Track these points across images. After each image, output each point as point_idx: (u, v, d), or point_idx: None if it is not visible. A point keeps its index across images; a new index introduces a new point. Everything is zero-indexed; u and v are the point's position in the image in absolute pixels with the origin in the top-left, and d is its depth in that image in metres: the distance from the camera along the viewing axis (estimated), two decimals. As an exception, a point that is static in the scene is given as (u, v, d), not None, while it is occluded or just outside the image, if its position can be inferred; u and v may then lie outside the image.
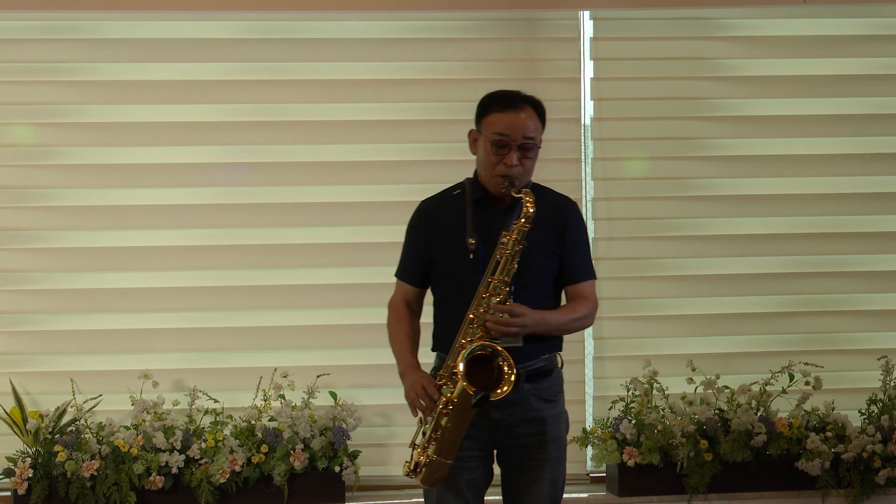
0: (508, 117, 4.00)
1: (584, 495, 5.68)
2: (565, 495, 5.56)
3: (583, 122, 5.84)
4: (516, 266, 3.94)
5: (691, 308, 5.89)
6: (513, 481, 4.10)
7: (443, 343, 4.05)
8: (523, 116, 4.01)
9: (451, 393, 3.89)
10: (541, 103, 4.09)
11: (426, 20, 5.80)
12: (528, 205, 3.93)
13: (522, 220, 3.93)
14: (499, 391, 3.87)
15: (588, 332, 5.81)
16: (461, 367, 3.86)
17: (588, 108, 5.84)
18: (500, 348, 3.89)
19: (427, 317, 4.21)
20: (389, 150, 5.76)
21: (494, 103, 4.04)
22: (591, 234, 5.80)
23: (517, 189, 3.98)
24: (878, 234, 5.96)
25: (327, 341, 5.73)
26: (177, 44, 5.72)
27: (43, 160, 5.67)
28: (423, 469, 3.96)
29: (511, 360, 3.89)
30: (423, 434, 3.98)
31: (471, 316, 3.94)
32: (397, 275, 4.23)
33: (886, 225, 5.97)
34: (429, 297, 4.22)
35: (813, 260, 5.93)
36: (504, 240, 3.94)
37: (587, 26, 5.84)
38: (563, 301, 4.17)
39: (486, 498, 4.18)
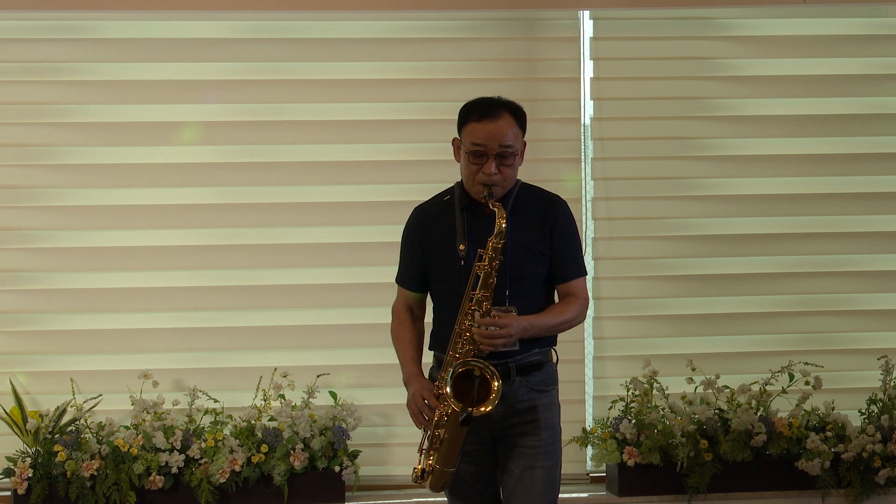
0: (485, 127, 4.03)
1: (584, 495, 5.68)
2: (565, 495, 5.65)
3: (583, 121, 5.84)
4: (495, 279, 3.98)
5: (691, 308, 5.89)
6: (509, 470, 4.13)
7: (439, 343, 4.12)
8: (500, 125, 4.03)
9: (447, 406, 3.96)
10: (520, 108, 4.11)
11: (426, 20, 5.80)
12: (500, 220, 3.99)
13: (496, 237, 3.98)
14: (482, 408, 3.94)
15: (588, 332, 5.81)
16: (447, 388, 3.95)
17: (588, 108, 5.84)
18: (481, 364, 3.95)
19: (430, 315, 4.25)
20: (389, 150, 5.76)
21: (472, 112, 4.08)
22: (590, 234, 5.80)
23: (493, 201, 4.01)
24: (878, 234, 5.95)
25: (327, 341, 5.73)
26: (177, 44, 5.72)
27: (43, 160, 5.67)
28: (430, 476, 4.04)
29: (497, 373, 3.95)
30: (427, 441, 4.04)
31: (458, 329, 4.00)
32: (397, 281, 4.28)
33: (886, 225, 5.96)
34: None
35: (813, 260, 5.93)
36: (481, 255, 3.99)
37: (587, 26, 5.84)
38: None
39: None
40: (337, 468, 5.44)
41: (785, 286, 5.91)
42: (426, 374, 4.15)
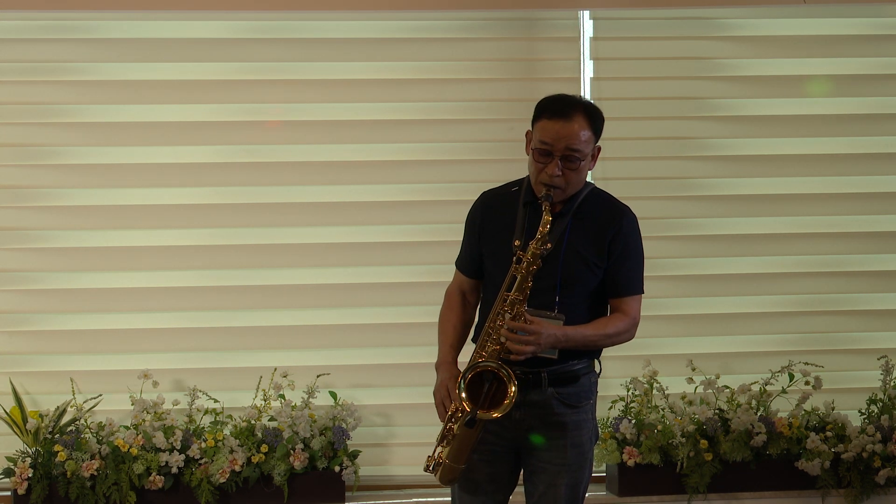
0: (556, 126, 3.91)
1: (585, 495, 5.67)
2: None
3: (583, 121, 5.84)
4: (531, 284, 3.87)
5: (691, 308, 5.89)
6: (532, 483, 4.06)
7: (478, 335, 4.02)
8: (571, 126, 3.90)
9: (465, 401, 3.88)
10: (597, 111, 3.98)
11: (426, 20, 5.80)
12: (542, 226, 3.87)
13: (537, 242, 3.87)
14: (492, 413, 3.85)
15: (588, 331, 5.80)
16: (462, 390, 3.86)
17: (588, 108, 5.83)
18: (496, 365, 3.85)
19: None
20: (389, 150, 5.75)
21: (546, 109, 3.97)
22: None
23: (546, 204, 3.89)
24: (878, 234, 5.95)
25: (327, 341, 5.73)
26: (177, 44, 5.71)
27: (43, 160, 5.67)
28: (438, 468, 3.98)
29: (514, 376, 3.84)
30: (441, 433, 3.98)
31: (488, 328, 3.91)
32: (456, 263, 4.17)
33: (886, 225, 5.96)
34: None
35: (813, 260, 5.93)
36: (520, 258, 3.88)
37: (587, 26, 5.83)
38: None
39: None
40: (337, 468, 5.44)
41: (785, 286, 5.91)
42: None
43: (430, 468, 3.99)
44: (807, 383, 5.65)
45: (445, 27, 5.81)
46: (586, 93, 5.83)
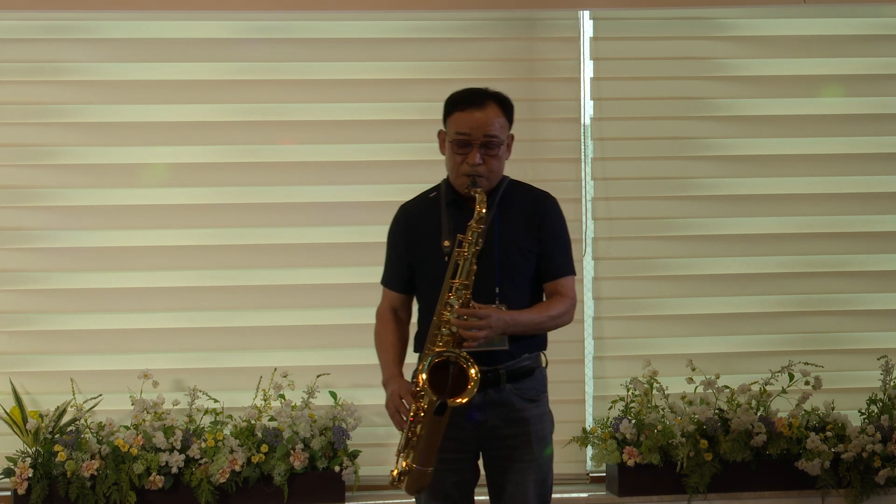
0: (470, 116, 3.96)
1: (584, 495, 5.68)
2: (565, 495, 5.66)
3: (583, 121, 5.84)
4: (476, 267, 3.90)
5: (691, 308, 5.89)
6: (499, 484, 4.07)
7: (423, 343, 4.03)
8: (486, 113, 3.97)
9: (423, 401, 3.87)
10: (507, 99, 4.05)
11: (426, 20, 5.80)
12: (479, 205, 3.90)
13: (476, 223, 3.90)
14: (458, 399, 3.83)
15: (588, 331, 5.81)
16: (423, 376, 3.85)
17: (588, 108, 5.84)
18: (460, 354, 3.85)
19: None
20: (389, 150, 5.76)
21: (458, 102, 4.01)
22: (590, 234, 5.80)
23: (474, 189, 3.94)
24: (878, 234, 5.96)
25: (327, 341, 5.73)
26: (177, 44, 5.72)
27: (43, 160, 5.67)
28: (405, 478, 3.94)
29: (473, 360, 3.85)
30: (404, 440, 3.96)
31: (436, 320, 3.92)
32: (383, 282, 4.21)
33: (886, 225, 5.96)
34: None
35: (813, 260, 5.93)
36: (461, 241, 3.91)
37: (587, 26, 5.84)
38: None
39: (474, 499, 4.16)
40: (337, 468, 5.44)
41: (785, 286, 5.91)
42: (411, 378, 4.04)
43: (397, 480, 3.95)
44: (807, 383, 5.65)
45: (445, 27, 5.81)
46: (586, 93, 5.83)
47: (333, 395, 5.58)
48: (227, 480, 5.36)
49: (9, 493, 5.40)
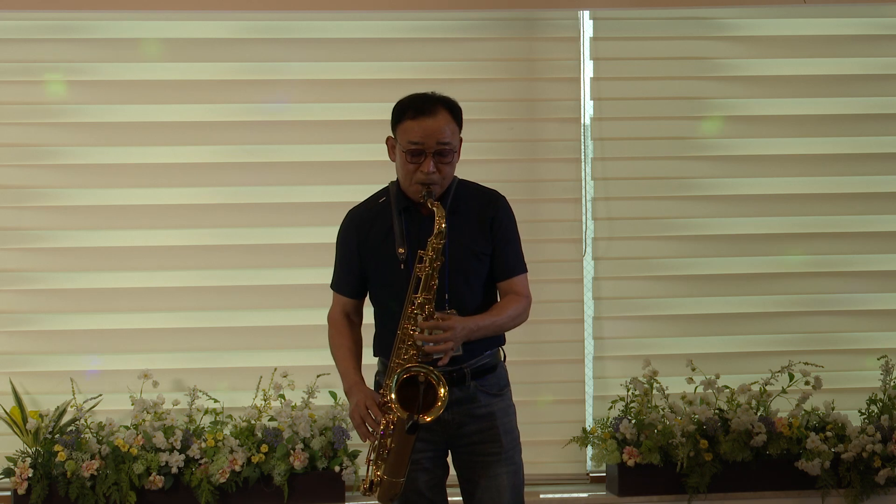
0: (422, 124, 3.94)
1: (584, 495, 5.68)
2: (565, 495, 5.66)
3: (583, 121, 5.84)
4: (437, 281, 3.90)
5: (691, 308, 5.89)
6: (471, 480, 4.08)
7: (383, 348, 4.04)
8: (438, 121, 3.94)
9: (392, 415, 3.88)
10: (456, 104, 4.03)
11: (426, 20, 5.80)
12: (439, 221, 3.90)
13: (436, 237, 3.89)
14: (428, 417, 3.86)
15: (588, 331, 5.81)
16: (392, 395, 3.86)
17: (588, 108, 5.84)
18: (425, 370, 3.87)
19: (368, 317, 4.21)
20: (389, 150, 5.75)
21: (407, 110, 3.98)
22: (590, 234, 5.80)
23: (431, 201, 3.92)
24: (878, 234, 5.96)
25: (327, 341, 5.71)
26: (177, 44, 5.72)
27: (43, 160, 5.67)
28: (377, 488, 3.95)
29: (443, 379, 3.88)
30: (374, 451, 3.96)
31: (400, 334, 3.93)
32: (333, 287, 4.21)
33: (886, 225, 5.97)
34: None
35: (813, 260, 5.93)
36: (421, 257, 3.91)
37: (587, 26, 5.84)
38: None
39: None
40: (337, 468, 5.44)
41: (785, 286, 5.91)
42: (373, 380, 4.08)
43: (369, 489, 3.96)
44: (807, 383, 5.65)
45: (445, 27, 5.81)
46: (586, 93, 5.83)
47: (333, 395, 5.58)
48: (227, 480, 5.36)
49: (9, 493, 5.40)
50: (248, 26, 5.75)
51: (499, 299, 4.09)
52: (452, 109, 4.00)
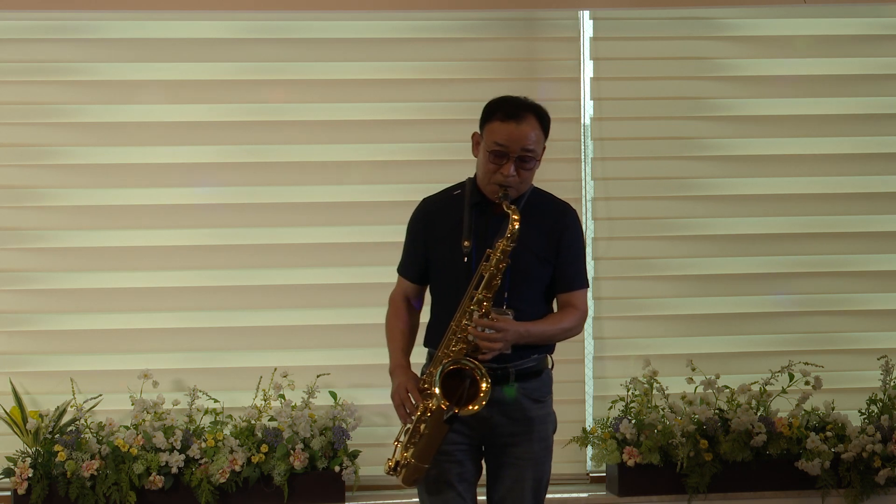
0: (509, 128, 4.00)
1: (584, 495, 5.68)
2: (565, 495, 5.66)
3: (583, 121, 5.84)
4: (500, 281, 3.95)
5: (691, 308, 5.89)
6: (497, 478, 4.12)
7: (434, 339, 4.08)
8: (525, 128, 4.00)
9: (431, 402, 3.92)
10: (545, 112, 4.09)
11: (426, 20, 5.80)
12: (513, 223, 3.94)
13: (507, 239, 3.94)
14: (470, 408, 3.91)
15: (588, 331, 5.81)
16: (437, 386, 3.90)
17: (588, 108, 5.84)
18: (473, 364, 3.91)
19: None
20: (389, 150, 5.76)
21: (498, 111, 4.04)
22: (590, 234, 5.80)
23: (508, 203, 3.97)
24: (878, 234, 5.96)
25: (327, 341, 5.73)
26: (177, 44, 5.71)
27: (43, 160, 5.67)
28: (403, 470, 4.00)
29: (487, 376, 3.92)
30: (406, 434, 4.00)
31: (454, 326, 3.97)
32: (398, 270, 4.26)
33: (886, 225, 5.96)
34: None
35: (813, 260, 5.93)
36: (489, 256, 3.95)
37: (587, 26, 5.84)
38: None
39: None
40: (337, 468, 5.44)
41: (785, 286, 5.91)
42: (416, 371, 4.11)
43: (393, 470, 4.02)
44: (807, 383, 5.65)
45: (445, 27, 5.81)
46: (586, 93, 5.83)
47: (333, 395, 5.58)
48: (227, 480, 5.36)
49: (9, 493, 5.40)
50: (248, 26, 5.75)
51: (555, 310, 4.14)
52: (542, 118, 4.07)
